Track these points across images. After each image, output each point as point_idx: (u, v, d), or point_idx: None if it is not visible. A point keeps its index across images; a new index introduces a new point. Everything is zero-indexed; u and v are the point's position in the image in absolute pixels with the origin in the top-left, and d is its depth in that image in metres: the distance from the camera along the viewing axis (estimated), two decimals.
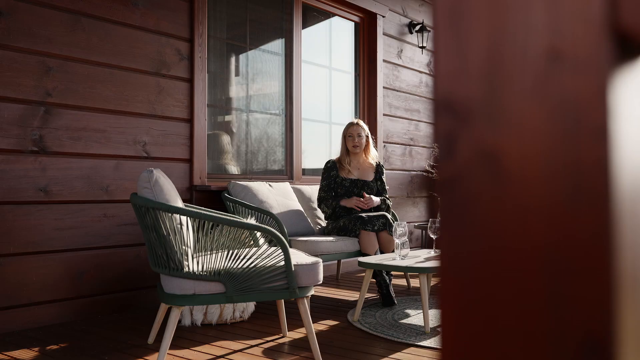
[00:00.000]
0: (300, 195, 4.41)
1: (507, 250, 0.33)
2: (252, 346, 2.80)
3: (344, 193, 4.10)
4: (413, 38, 6.16)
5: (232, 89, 4.67)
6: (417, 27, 6.12)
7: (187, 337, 2.94)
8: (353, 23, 5.70)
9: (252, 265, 2.40)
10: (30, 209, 3.16)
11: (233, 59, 4.75)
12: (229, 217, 2.72)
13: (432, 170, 4.19)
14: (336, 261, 4.86)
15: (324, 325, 3.22)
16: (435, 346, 2.77)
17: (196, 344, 2.82)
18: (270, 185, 4.19)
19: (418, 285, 4.37)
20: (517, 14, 0.33)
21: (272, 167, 4.98)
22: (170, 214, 2.37)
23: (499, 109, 0.34)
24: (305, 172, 5.13)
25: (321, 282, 2.59)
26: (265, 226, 2.52)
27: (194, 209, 2.79)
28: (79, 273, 3.36)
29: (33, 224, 3.17)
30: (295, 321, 3.20)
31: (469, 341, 0.34)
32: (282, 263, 2.43)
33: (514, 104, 0.33)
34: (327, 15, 5.46)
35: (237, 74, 4.74)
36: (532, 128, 0.33)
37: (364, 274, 4.97)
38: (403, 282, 4.58)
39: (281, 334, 2.99)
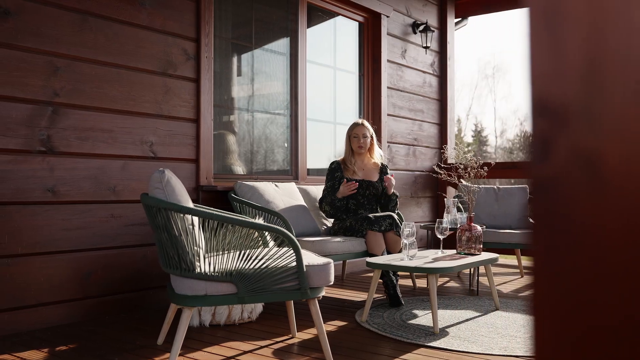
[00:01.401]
0: (305, 195, 4.40)
1: (609, 257, 0.33)
2: (261, 347, 2.79)
3: (349, 194, 4.09)
4: (417, 38, 6.15)
5: (237, 88, 4.66)
6: (421, 27, 6.11)
7: (195, 337, 2.93)
8: (357, 23, 5.69)
9: (264, 265, 2.39)
10: (37, 209, 3.15)
11: (238, 59, 4.73)
12: (241, 218, 2.71)
13: (440, 171, 4.19)
14: (341, 261, 4.85)
15: (332, 325, 3.21)
16: (445, 347, 2.76)
17: (205, 344, 2.81)
18: (276, 185, 4.18)
19: (424, 286, 4.37)
20: (618, 14, 0.32)
21: (277, 167, 4.97)
22: (182, 215, 2.36)
23: (598, 111, 0.33)
24: (309, 172, 5.12)
25: (332, 282, 2.58)
26: (279, 227, 2.51)
27: (206, 210, 2.78)
28: (86, 273, 3.35)
29: (40, 225, 3.16)
30: (303, 322, 3.19)
31: (565, 349, 0.34)
32: (294, 264, 2.42)
33: (616, 106, 0.32)
34: (332, 15, 5.45)
35: (242, 74, 4.73)
36: (636, 131, 0.32)
37: (369, 274, 4.97)
38: (408, 282, 4.58)
39: (290, 335, 2.98)
